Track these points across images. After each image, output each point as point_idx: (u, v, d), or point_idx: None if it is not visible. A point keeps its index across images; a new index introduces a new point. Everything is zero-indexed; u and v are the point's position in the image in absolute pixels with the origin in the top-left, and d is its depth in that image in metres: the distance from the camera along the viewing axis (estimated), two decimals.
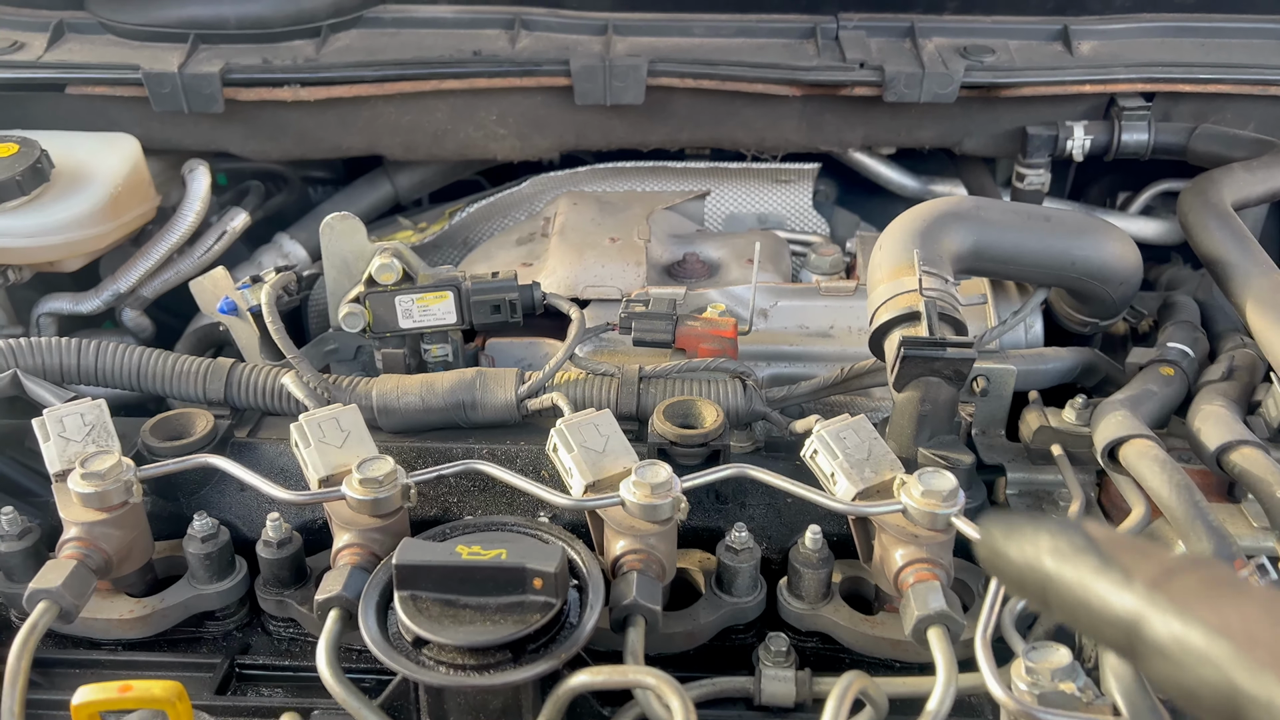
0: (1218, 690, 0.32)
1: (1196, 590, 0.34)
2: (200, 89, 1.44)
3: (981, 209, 1.17)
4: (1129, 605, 0.34)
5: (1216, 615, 0.33)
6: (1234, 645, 0.32)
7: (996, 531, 0.38)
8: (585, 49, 1.51)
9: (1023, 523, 0.37)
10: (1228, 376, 1.10)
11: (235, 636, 1.03)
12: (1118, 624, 0.35)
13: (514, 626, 0.82)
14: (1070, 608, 0.36)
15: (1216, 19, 1.56)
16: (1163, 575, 0.34)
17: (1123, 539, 0.37)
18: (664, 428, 1.06)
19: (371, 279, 1.20)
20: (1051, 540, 0.36)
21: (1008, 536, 0.37)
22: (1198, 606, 0.33)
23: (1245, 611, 0.33)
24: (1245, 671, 0.31)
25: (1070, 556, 0.36)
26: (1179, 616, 0.33)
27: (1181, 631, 0.33)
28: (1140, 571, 0.35)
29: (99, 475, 0.94)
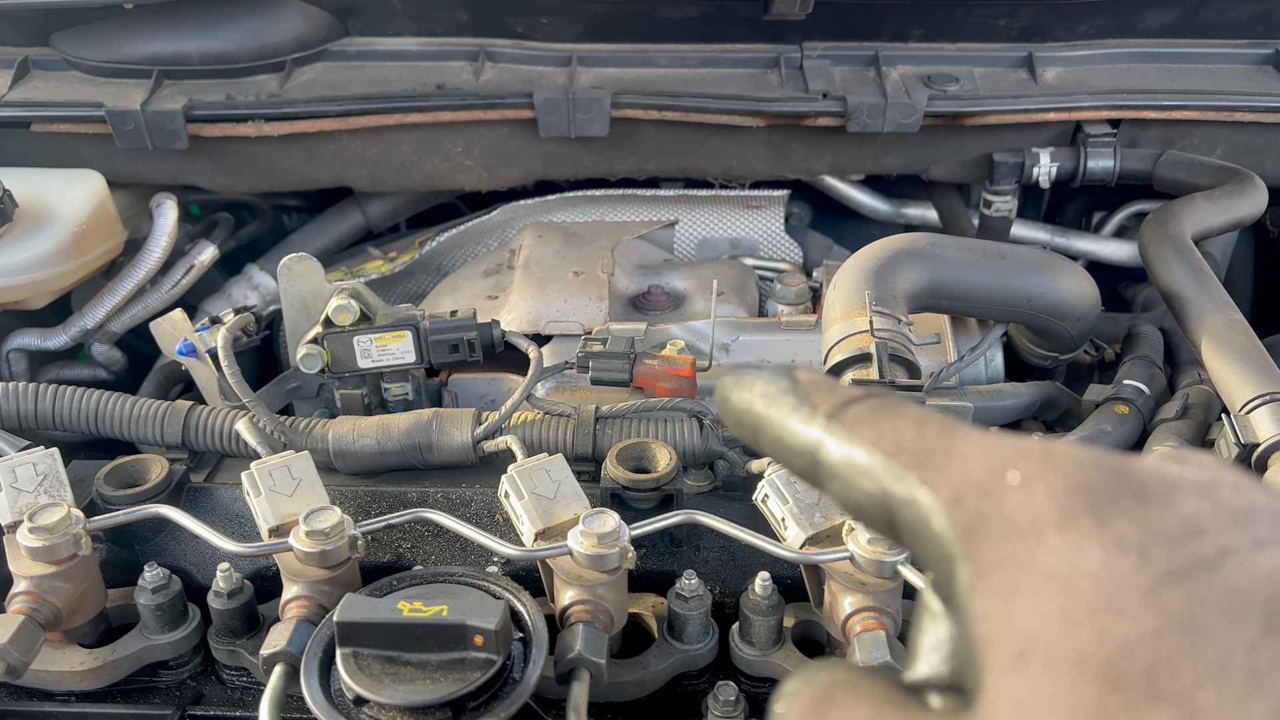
0: (874, 498, 0.35)
1: (864, 415, 0.37)
2: (163, 125, 1.45)
3: (936, 246, 1.17)
4: (811, 434, 0.37)
5: (875, 433, 0.36)
6: (884, 456, 0.35)
7: (727, 380, 0.41)
8: (549, 81, 1.51)
9: (746, 371, 0.41)
10: (1182, 415, 1.10)
11: (188, 685, 1.03)
12: (803, 453, 0.38)
13: (454, 684, 0.82)
14: (771, 443, 0.39)
15: (1182, 45, 1.56)
16: (840, 405, 0.37)
17: (821, 380, 0.40)
18: (616, 472, 1.06)
19: (329, 319, 1.20)
20: (763, 384, 0.40)
21: (733, 384, 0.41)
22: (861, 428, 0.36)
23: (898, 427, 0.36)
24: (891, 477, 0.35)
25: (775, 397, 0.39)
26: (845, 438, 0.36)
27: (846, 451, 0.36)
28: (824, 404, 0.38)
29: (47, 529, 0.94)
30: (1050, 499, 0.31)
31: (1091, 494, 0.31)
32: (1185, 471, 0.32)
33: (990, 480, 0.33)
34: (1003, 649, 0.30)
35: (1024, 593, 0.30)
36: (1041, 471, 0.32)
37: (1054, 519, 0.31)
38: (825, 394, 0.38)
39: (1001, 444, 0.34)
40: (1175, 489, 0.32)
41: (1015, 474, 0.32)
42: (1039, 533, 0.31)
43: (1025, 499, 0.32)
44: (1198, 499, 0.31)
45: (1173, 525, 0.30)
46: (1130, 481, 0.32)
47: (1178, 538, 0.30)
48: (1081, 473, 0.32)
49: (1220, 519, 0.30)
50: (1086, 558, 0.30)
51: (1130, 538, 0.30)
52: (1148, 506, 0.31)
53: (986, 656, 0.30)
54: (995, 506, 0.32)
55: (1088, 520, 0.31)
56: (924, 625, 0.37)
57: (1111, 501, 0.31)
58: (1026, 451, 0.33)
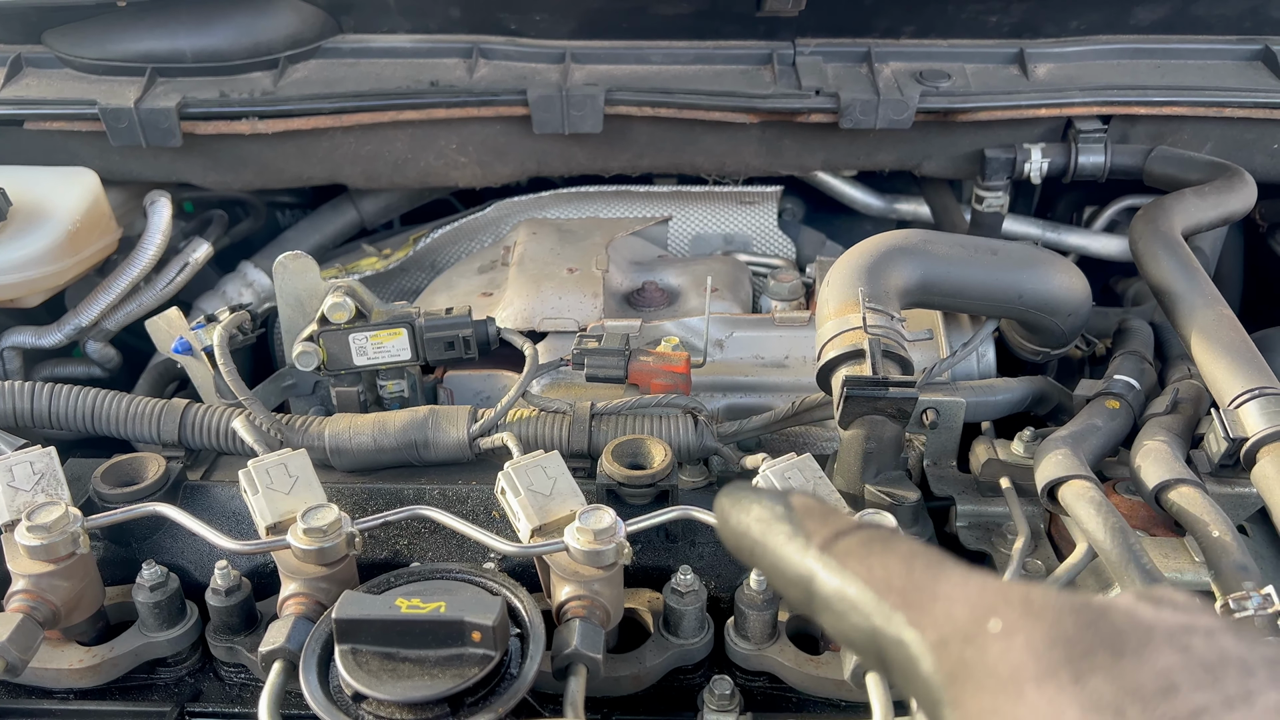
0: (864, 633, 0.36)
1: (855, 549, 0.38)
2: (157, 123, 1.45)
3: (929, 243, 1.17)
4: (805, 565, 0.39)
5: (865, 569, 0.37)
6: (874, 593, 0.36)
7: (725, 501, 0.42)
8: (543, 78, 1.51)
9: (743, 493, 0.42)
10: (1172, 410, 1.11)
11: (187, 683, 1.04)
12: (798, 583, 0.39)
13: (452, 680, 0.82)
14: (768, 569, 0.40)
15: (1172, 40, 1.57)
16: (832, 537, 0.39)
17: (815, 506, 0.41)
18: (612, 468, 1.06)
19: (324, 317, 1.21)
20: (759, 509, 0.41)
21: (731, 505, 0.42)
22: (852, 563, 0.37)
23: (888, 564, 0.37)
24: (880, 616, 0.36)
25: (770, 523, 0.40)
26: (838, 572, 0.37)
27: (839, 585, 0.37)
28: (816, 535, 0.39)
29: (45, 528, 0.95)
30: (1029, 651, 0.32)
31: (1069, 647, 0.32)
32: (1160, 617, 0.33)
33: (973, 626, 0.34)
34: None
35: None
36: (1022, 621, 0.33)
37: (1033, 672, 0.32)
38: (818, 523, 0.39)
39: (984, 588, 0.35)
40: (1149, 639, 0.32)
41: (997, 622, 0.34)
42: (1020, 686, 0.32)
43: (1006, 649, 0.33)
44: (1170, 652, 0.32)
45: (1147, 682, 0.31)
46: (1106, 633, 0.33)
47: (1152, 697, 0.30)
48: (1060, 624, 0.33)
49: (1193, 675, 0.31)
50: (1064, 717, 0.31)
51: (1106, 696, 0.31)
52: (1123, 661, 0.32)
53: None
54: (978, 655, 0.33)
55: (1065, 676, 0.32)
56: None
57: (1088, 655, 0.32)
58: (1008, 598, 0.34)
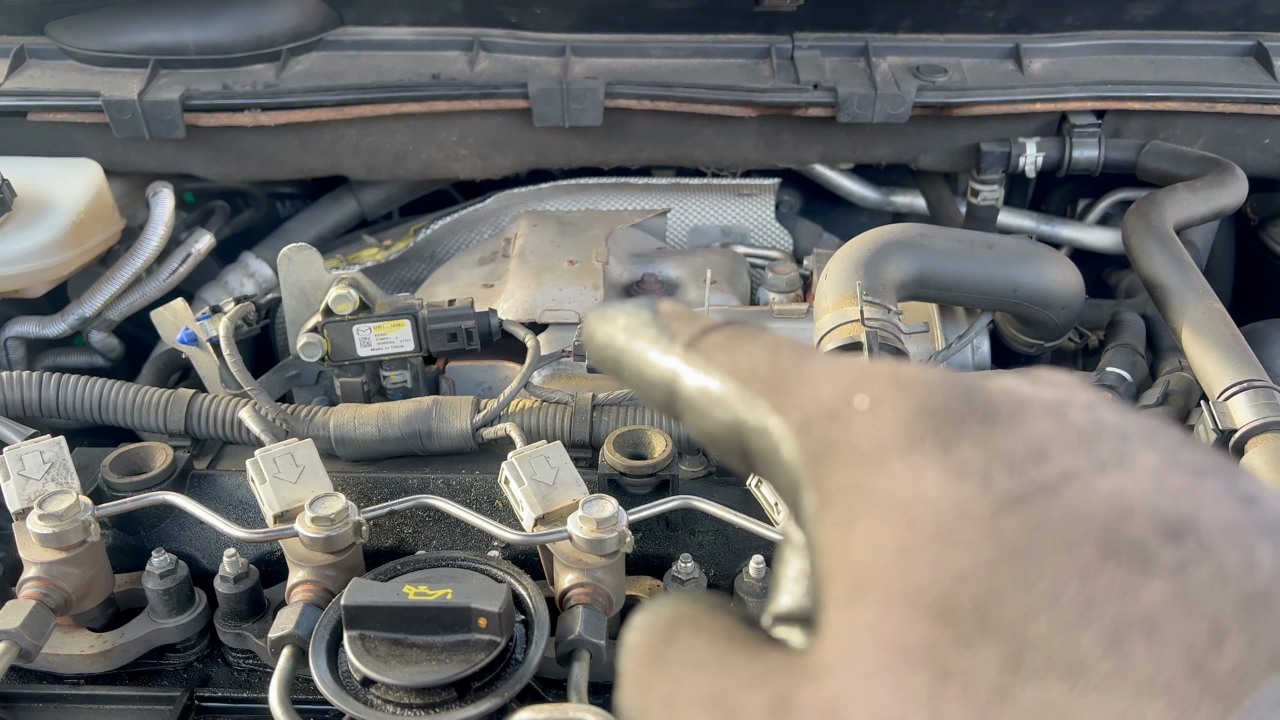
0: (727, 427, 0.33)
1: (720, 343, 0.35)
2: (160, 115, 1.46)
3: (925, 237, 1.19)
4: (669, 364, 0.35)
5: (729, 361, 0.34)
6: (738, 384, 0.33)
7: (592, 315, 0.39)
8: (543, 71, 1.53)
9: (610, 306, 0.39)
10: (1163, 401, 1.13)
11: (196, 668, 1.06)
12: (661, 384, 0.36)
13: (459, 666, 0.84)
14: (632, 376, 0.37)
15: (1166, 36, 1.58)
16: (698, 334, 0.36)
17: (683, 311, 0.37)
18: (613, 458, 1.08)
19: (329, 309, 1.22)
20: (625, 317, 0.38)
21: (597, 319, 0.39)
22: (717, 356, 0.34)
23: (752, 354, 0.34)
24: (743, 405, 0.33)
25: (636, 330, 0.37)
26: (701, 367, 0.34)
27: (701, 381, 0.34)
28: (681, 335, 0.36)
29: (56, 516, 0.96)
30: (896, 423, 0.30)
31: (938, 417, 0.30)
32: (1036, 391, 0.31)
33: (838, 404, 0.31)
34: (841, 581, 0.28)
35: (863, 522, 0.29)
36: (889, 394, 0.31)
37: (898, 444, 0.29)
38: (684, 324, 0.36)
39: (851, 367, 0.32)
40: (1024, 409, 0.30)
41: (863, 398, 0.31)
42: (882, 458, 0.29)
43: (871, 423, 0.30)
44: (1045, 419, 0.30)
45: (1017, 448, 0.29)
46: (978, 403, 0.30)
47: (1021, 461, 0.28)
48: (929, 395, 0.30)
49: (1066, 440, 0.29)
50: (927, 484, 0.28)
51: (973, 462, 0.28)
52: (994, 429, 0.29)
53: (827, 589, 0.29)
54: (842, 431, 0.30)
55: (932, 445, 0.29)
56: (785, 556, 0.35)
57: (958, 424, 0.29)
58: (876, 374, 0.32)
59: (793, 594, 0.34)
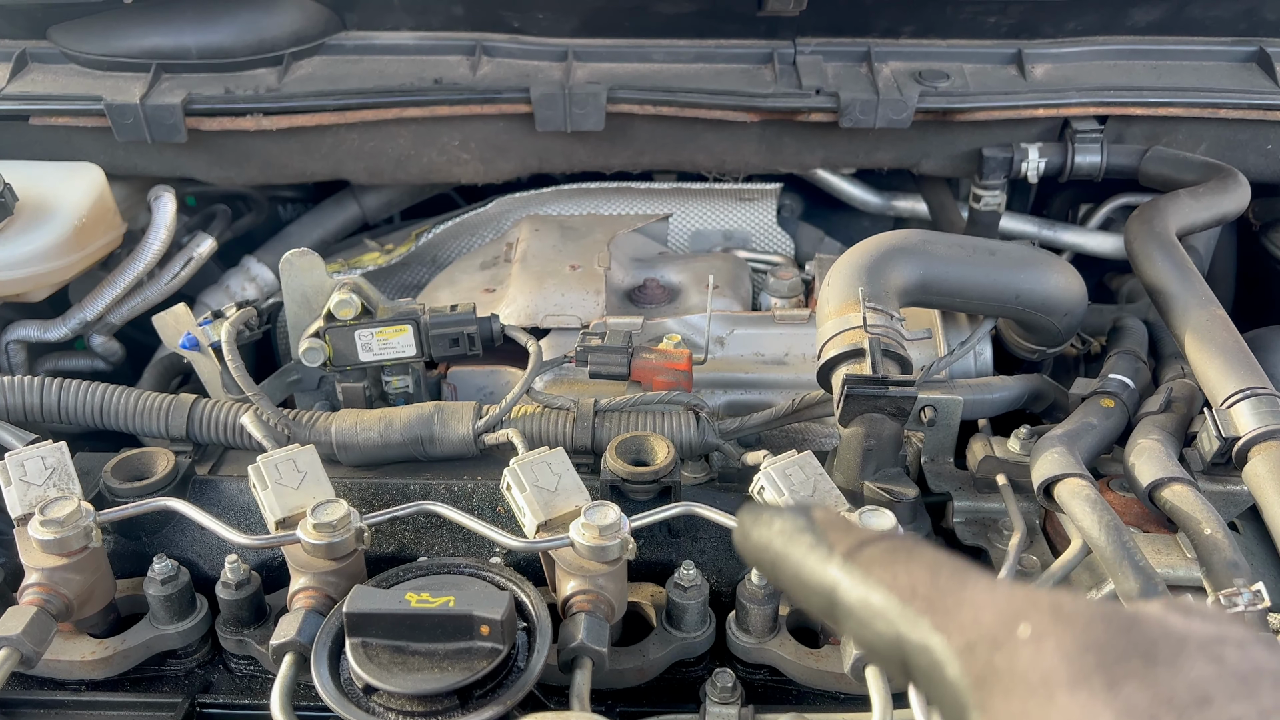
0: (888, 640, 0.36)
1: (879, 558, 0.38)
2: (163, 119, 1.46)
3: (928, 243, 1.19)
4: (829, 575, 0.39)
5: (890, 576, 0.37)
6: (899, 600, 0.36)
7: (745, 518, 0.43)
8: (546, 76, 1.53)
9: (764, 510, 0.42)
10: (1166, 408, 1.13)
11: (197, 674, 1.05)
12: (821, 592, 0.39)
13: (461, 673, 0.84)
14: (790, 582, 0.40)
15: (1167, 42, 1.58)
16: (856, 547, 0.39)
17: (838, 519, 0.41)
18: (616, 465, 1.08)
19: (331, 314, 1.22)
20: (781, 523, 0.41)
21: (752, 521, 0.42)
22: (877, 571, 0.38)
23: (912, 571, 0.37)
24: (905, 622, 0.36)
25: (792, 536, 0.40)
26: (862, 580, 0.38)
27: (863, 593, 0.37)
28: (840, 545, 0.39)
29: (58, 522, 0.96)
30: (1061, 656, 0.32)
31: (1101, 653, 0.32)
32: (1191, 626, 0.33)
33: (1002, 631, 0.33)
34: None
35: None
36: (1052, 627, 0.33)
37: (1065, 678, 0.31)
38: (842, 534, 0.39)
39: (1012, 595, 0.35)
40: (1182, 649, 0.32)
41: (1026, 627, 0.33)
42: (1050, 691, 0.31)
43: (1036, 654, 0.32)
44: (1204, 661, 0.31)
45: (1181, 693, 0.30)
46: (1139, 641, 0.32)
47: (1187, 707, 0.30)
48: (1091, 630, 0.33)
49: (1227, 686, 0.31)
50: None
51: (1140, 704, 0.30)
52: (1156, 669, 0.31)
53: None
54: (1007, 660, 0.33)
55: (1098, 682, 0.31)
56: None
57: (1121, 662, 0.31)
58: (1037, 604, 0.34)
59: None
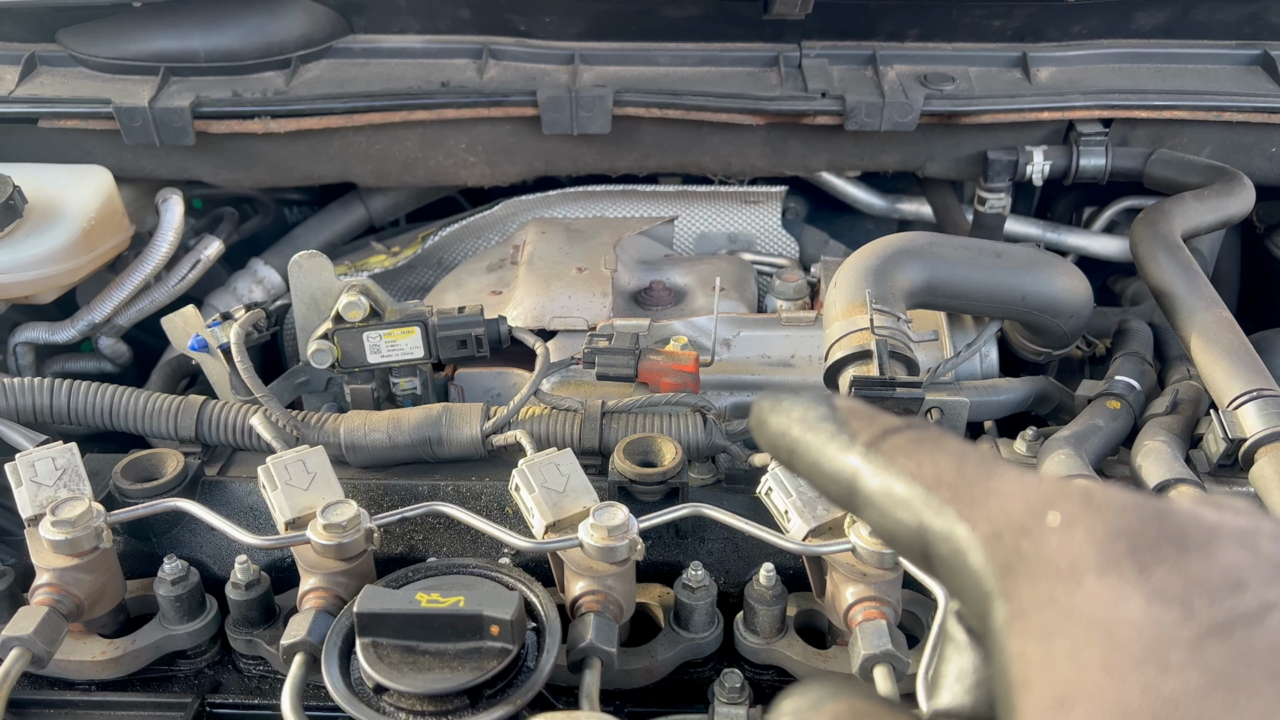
0: (910, 529, 0.35)
1: (904, 446, 0.37)
2: (171, 122, 1.46)
3: (934, 245, 1.19)
4: (850, 463, 0.37)
5: (914, 464, 0.36)
6: (923, 488, 0.35)
7: (764, 404, 0.41)
8: (552, 79, 1.53)
9: (784, 396, 0.41)
10: (1172, 410, 1.13)
11: (206, 675, 1.06)
12: (840, 480, 0.38)
13: (471, 673, 0.85)
14: (808, 468, 0.39)
15: (1172, 45, 1.59)
16: (880, 435, 0.37)
17: (860, 407, 0.39)
18: (624, 466, 1.08)
19: (339, 316, 1.23)
20: (801, 410, 0.39)
21: (770, 408, 0.41)
22: (901, 459, 0.36)
23: (938, 460, 0.36)
24: (929, 510, 0.35)
25: (813, 424, 0.39)
26: (885, 468, 0.36)
27: (885, 481, 0.36)
28: (863, 433, 0.38)
29: (69, 523, 0.97)
30: (1091, 542, 0.31)
31: (1132, 540, 0.31)
32: (1223, 518, 0.32)
33: (1030, 519, 0.33)
34: (1041, 692, 0.30)
35: (1064, 637, 0.30)
36: (1082, 514, 0.32)
37: (1095, 563, 0.31)
38: (864, 422, 0.38)
39: (1041, 483, 0.34)
40: (1215, 538, 0.31)
41: (1055, 515, 0.32)
42: (1079, 576, 0.31)
43: (1066, 540, 0.32)
44: (1238, 549, 0.31)
45: (1215, 577, 0.30)
46: (1171, 528, 0.32)
47: (1220, 590, 0.30)
48: (1122, 518, 0.32)
49: (1261, 571, 0.30)
50: (1129, 606, 0.30)
51: (1172, 588, 0.30)
52: (1189, 555, 0.31)
53: (1023, 697, 0.30)
54: (1035, 546, 0.32)
55: (1129, 567, 0.31)
56: (948, 654, 0.37)
57: (1153, 549, 0.31)
58: (1067, 493, 0.33)
59: (954, 692, 0.36)
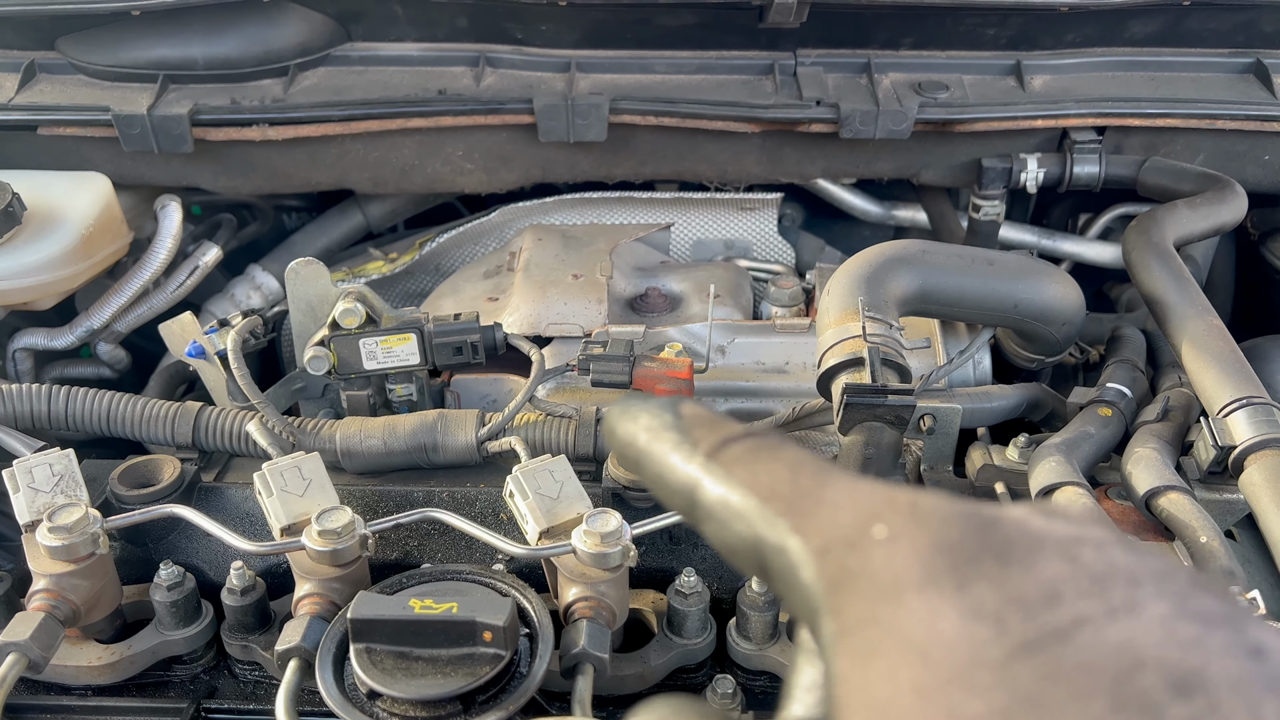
0: (747, 542, 0.35)
1: (741, 456, 0.36)
2: (169, 129, 1.47)
3: (927, 253, 1.20)
4: (690, 473, 0.37)
5: (750, 475, 0.35)
6: (758, 500, 0.34)
7: (614, 410, 0.40)
8: (549, 87, 1.54)
9: (633, 404, 0.40)
10: (1163, 417, 1.14)
11: (202, 680, 1.06)
12: (681, 491, 0.37)
13: (464, 679, 0.85)
14: (653, 479, 0.38)
15: (1165, 54, 1.59)
16: (719, 445, 0.37)
17: (705, 415, 0.38)
18: (617, 473, 1.09)
19: (336, 322, 1.23)
20: (647, 418, 0.39)
21: (619, 415, 0.40)
22: (738, 470, 0.36)
23: (773, 470, 0.35)
24: (763, 522, 0.34)
25: (658, 432, 0.38)
26: (723, 480, 0.36)
27: (722, 493, 0.35)
28: (704, 443, 0.37)
29: (66, 529, 0.97)
30: (914, 557, 0.31)
31: (954, 553, 0.31)
32: (1050, 527, 0.32)
33: (857, 532, 0.32)
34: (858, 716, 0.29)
35: (881, 657, 0.29)
36: (908, 526, 0.32)
37: (916, 579, 0.30)
38: (706, 431, 0.37)
39: (871, 494, 0.33)
40: (1038, 547, 0.31)
41: (882, 527, 0.32)
42: (900, 594, 0.30)
43: (890, 555, 0.31)
44: (1058, 560, 0.30)
45: (1031, 590, 0.29)
46: (995, 540, 0.31)
47: (1034, 605, 0.29)
48: (946, 530, 0.31)
49: (1078, 583, 0.29)
50: (944, 624, 0.29)
51: (988, 604, 0.29)
52: (1009, 568, 0.30)
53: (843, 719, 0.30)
54: (861, 561, 0.31)
55: (948, 583, 0.30)
56: (800, 664, 0.37)
57: (973, 562, 0.30)
58: (894, 503, 0.33)
59: (805, 703, 0.36)
